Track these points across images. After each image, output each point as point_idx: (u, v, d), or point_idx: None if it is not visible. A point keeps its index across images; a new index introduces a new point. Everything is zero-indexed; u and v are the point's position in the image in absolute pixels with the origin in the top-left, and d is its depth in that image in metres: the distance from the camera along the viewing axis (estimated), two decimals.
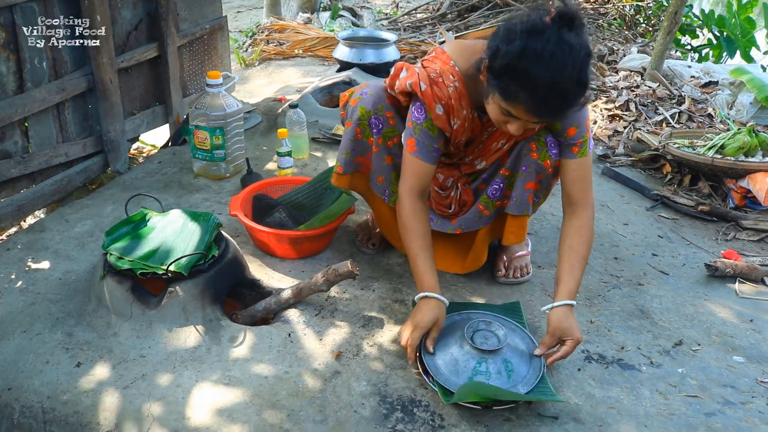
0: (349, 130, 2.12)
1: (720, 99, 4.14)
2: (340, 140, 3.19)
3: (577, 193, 1.97)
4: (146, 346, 1.93)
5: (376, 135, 2.09)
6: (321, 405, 1.75)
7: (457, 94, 1.89)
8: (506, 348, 1.85)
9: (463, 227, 2.18)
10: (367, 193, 2.25)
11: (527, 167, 2.01)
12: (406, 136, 1.98)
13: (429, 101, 1.90)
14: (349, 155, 2.15)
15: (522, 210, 2.09)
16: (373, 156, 2.13)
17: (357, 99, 2.09)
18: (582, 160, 1.96)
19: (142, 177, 3.03)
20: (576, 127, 1.93)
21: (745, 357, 2.04)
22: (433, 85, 1.89)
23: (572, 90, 1.64)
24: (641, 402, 1.81)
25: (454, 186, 2.18)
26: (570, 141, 1.94)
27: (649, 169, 3.44)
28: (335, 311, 2.09)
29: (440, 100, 1.89)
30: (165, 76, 3.39)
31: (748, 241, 2.81)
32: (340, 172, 2.18)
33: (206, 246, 2.06)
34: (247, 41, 5.70)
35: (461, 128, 1.95)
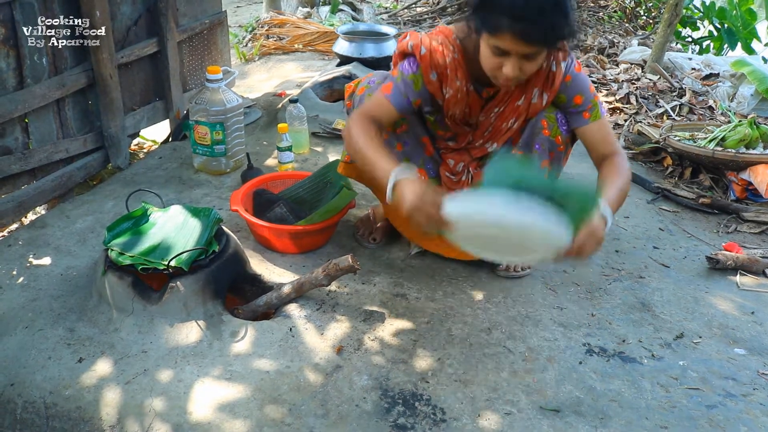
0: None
1: (721, 91, 4.13)
2: (340, 134, 3.22)
3: (603, 150, 1.99)
4: (148, 342, 1.93)
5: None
6: (322, 399, 1.75)
7: (454, 65, 1.93)
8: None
9: None
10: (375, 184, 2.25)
11: (540, 145, 2.02)
12: (386, 81, 2.01)
13: (425, 65, 1.94)
14: None
15: None
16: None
17: (364, 87, 2.11)
18: (598, 123, 1.99)
19: (142, 172, 3.03)
20: (580, 94, 1.97)
21: (746, 349, 2.04)
22: (434, 52, 1.94)
23: (550, 8, 1.65)
24: (642, 395, 1.81)
25: (465, 170, 2.18)
26: (580, 108, 1.98)
27: (649, 162, 3.44)
28: (336, 306, 2.09)
29: (436, 68, 1.94)
30: (165, 72, 3.38)
31: (749, 233, 2.81)
32: (348, 160, 2.19)
33: (207, 241, 2.06)
34: (247, 36, 5.69)
35: (453, 98, 1.97)
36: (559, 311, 2.13)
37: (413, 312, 2.08)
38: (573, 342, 1.99)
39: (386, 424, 1.68)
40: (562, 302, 2.18)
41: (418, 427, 1.67)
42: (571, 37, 1.75)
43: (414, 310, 2.09)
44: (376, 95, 2.00)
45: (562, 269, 2.36)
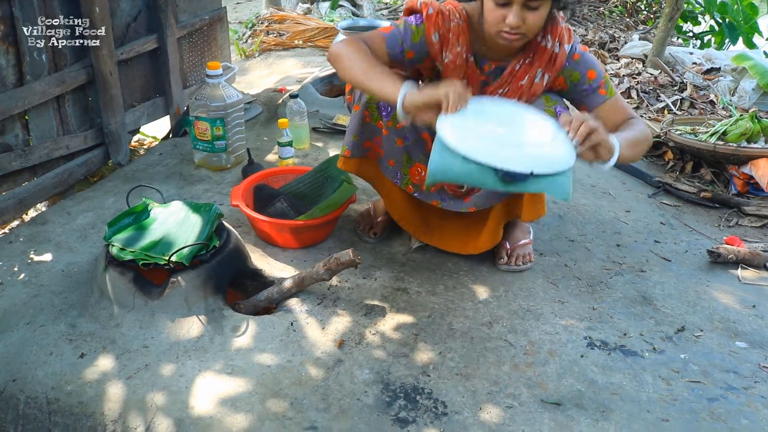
0: (357, 113, 2.12)
1: (722, 85, 4.13)
2: (341, 130, 3.23)
3: (623, 120, 1.99)
4: (149, 337, 1.93)
5: (385, 118, 2.11)
6: (324, 393, 1.75)
7: (457, 30, 1.96)
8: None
9: (478, 205, 2.18)
10: (376, 179, 2.26)
11: None
12: (387, 25, 2.02)
13: (430, 24, 1.95)
14: (357, 138, 2.15)
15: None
16: (383, 139, 2.14)
17: None
18: (616, 98, 2.01)
19: (143, 169, 3.03)
20: (593, 68, 2.00)
21: (748, 342, 2.04)
22: (440, 14, 1.95)
23: None
24: (644, 388, 1.81)
25: None
26: (594, 84, 1.99)
27: (651, 156, 3.44)
28: (337, 300, 2.09)
29: (439, 29, 1.95)
30: (165, 68, 3.38)
31: (750, 227, 2.81)
32: (348, 155, 2.18)
33: (207, 236, 2.06)
34: (247, 32, 5.68)
35: (452, 64, 1.98)
36: (560, 305, 2.13)
37: (414, 306, 2.08)
38: (574, 335, 1.99)
39: (388, 418, 1.68)
40: (563, 296, 2.18)
41: (419, 421, 1.67)
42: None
43: (415, 304, 2.09)
44: (374, 32, 1.99)
45: (564, 263, 2.36)
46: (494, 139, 1.69)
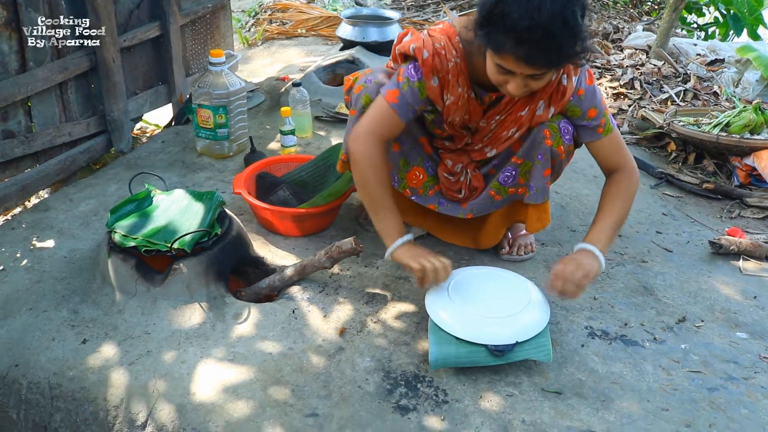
0: (353, 118, 2.09)
1: (726, 77, 4.11)
2: (343, 118, 3.23)
3: (613, 164, 2.00)
4: (151, 323, 1.94)
5: None
6: (325, 381, 1.76)
7: (456, 70, 1.87)
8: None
9: (474, 211, 2.17)
10: None
11: (543, 155, 1.99)
12: (391, 87, 1.92)
13: (427, 70, 1.87)
14: None
15: (543, 198, 2.08)
16: None
17: (361, 87, 2.06)
18: (610, 137, 1.98)
19: (145, 156, 3.03)
20: (594, 107, 1.93)
21: (749, 333, 2.04)
22: (436, 56, 1.86)
23: (558, 30, 1.55)
24: (644, 377, 1.82)
25: (463, 171, 2.15)
26: (593, 123, 1.95)
27: (653, 147, 3.43)
28: (339, 288, 2.10)
29: (438, 73, 1.87)
30: (168, 55, 3.38)
31: (752, 218, 2.81)
32: (345, 159, 2.15)
33: (209, 224, 2.06)
34: (250, 21, 5.67)
35: (454, 105, 1.92)
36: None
37: (416, 294, 2.08)
38: (575, 325, 2.00)
39: (388, 405, 1.68)
40: None
41: (420, 408, 1.68)
42: (582, 55, 1.67)
43: (416, 293, 2.09)
44: (381, 105, 1.92)
45: (565, 253, 2.35)
46: (477, 317, 1.83)
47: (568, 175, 2.95)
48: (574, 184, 2.88)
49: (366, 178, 1.92)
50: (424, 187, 2.16)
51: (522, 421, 1.65)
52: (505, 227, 2.27)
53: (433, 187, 2.17)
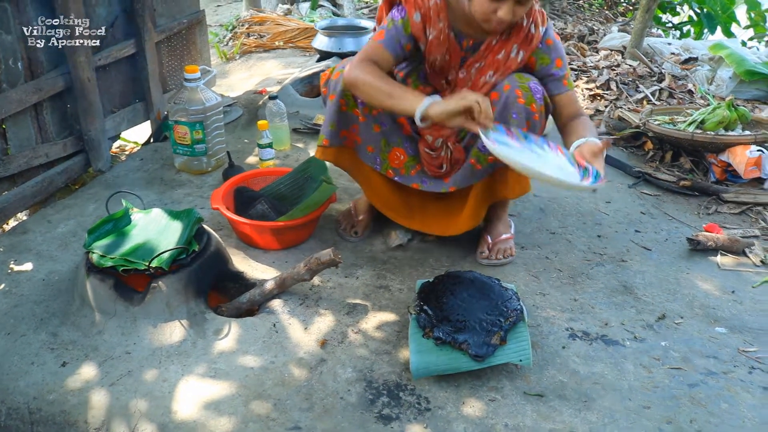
0: (332, 102, 2.14)
1: (700, 75, 4.16)
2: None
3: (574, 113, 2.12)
4: (131, 343, 1.92)
5: (361, 105, 2.13)
6: (307, 393, 1.75)
7: (436, 8, 2.00)
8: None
9: (458, 183, 2.19)
10: (354, 167, 2.27)
11: (517, 114, 2.04)
12: (377, 30, 2.08)
13: (410, 7, 2.01)
14: (335, 127, 2.17)
15: None
16: (360, 127, 2.17)
17: (339, 72, 2.13)
18: (571, 93, 2.14)
19: (124, 175, 3.02)
20: (561, 59, 2.11)
21: (727, 328, 2.06)
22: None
23: None
24: (625, 376, 1.83)
25: (443, 146, 2.20)
26: (560, 73, 2.11)
27: (631, 147, 3.45)
28: (319, 300, 2.10)
29: (420, 8, 2.00)
30: (144, 73, 3.36)
31: (729, 214, 2.83)
32: (326, 144, 2.19)
33: (187, 240, 2.06)
34: (228, 35, 5.67)
35: (436, 41, 2.02)
36: (542, 297, 2.14)
37: (396, 303, 2.09)
38: (556, 327, 2.01)
39: (371, 416, 1.68)
40: (544, 288, 2.19)
41: (402, 417, 1.68)
42: None
43: (397, 302, 2.09)
44: (370, 44, 2.06)
45: (545, 256, 2.37)
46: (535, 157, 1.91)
47: None
48: (553, 187, 2.89)
49: (368, 83, 1.96)
50: (406, 167, 2.23)
51: (505, 426, 1.66)
52: (486, 204, 2.26)
53: (415, 167, 2.24)
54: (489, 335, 1.79)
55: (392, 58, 2.04)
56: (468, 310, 1.86)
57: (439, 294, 1.93)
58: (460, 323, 1.82)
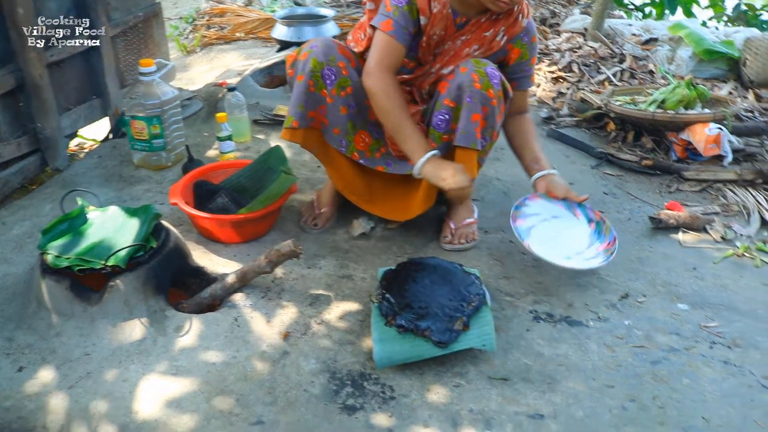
0: (301, 83, 2.11)
1: (660, 55, 4.18)
2: (282, 120, 3.19)
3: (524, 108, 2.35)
4: (90, 344, 1.88)
5: (329, 86, 2.11)
6: (270, 387, 1.73)
7: None
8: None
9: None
10: (320, 148, 2.25)
11: (471, 98, 2.04)
12: (383, 18, 2.07)
13: None
14: (303, 108, 2.13)
15: (470, 142, 2.08)
16: (328, 108, 2.14)
17: (307, 52, 2.11)
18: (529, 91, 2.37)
19: (82, 173, 2.95)
20: (535, 57, 2.25)
21: (689, 304, 2.08)
22: None
23: None
24: (589, 356, 1.83)
25: None
26: (531, 70, 2.26)
27: (593, 128, 3.46)
28: (282, 292, 2.07)
29: None
30: (100, 68, 3.28)
31: (690, 191, 2.86)
32: (296, 126, 2.15)
33: (144, 237, 2.01)
34: (188, 28, 5.58)
35: (439, 14, 2.05)
36: (506, 281, 2.14)
37: (359, 292, 2.07)
38: (520, 310, 2.00)
39: (335, 407, 1.67)
40: (508, 272, 2.19)
41: (367, 407, 1.66)
42: None
43: (360, 291, 2.08)
44: (380, 37, 2.07)
45: (509, 239, 2.36)
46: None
47: (510, 161, 2.95)
48: (515, 170, 2.87)
49: (384, 106, 2.07)
50: (371, 150, 2.24)
51: (470, 411, 1.65)
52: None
53: (380, 149, 2.25)
54: (452, 321, 1.78)
55: (404, 48, 2.08)
56: (430, 297, 1.85)
57: (401, 281, 1.92)
58: (423, 310, 1.81)
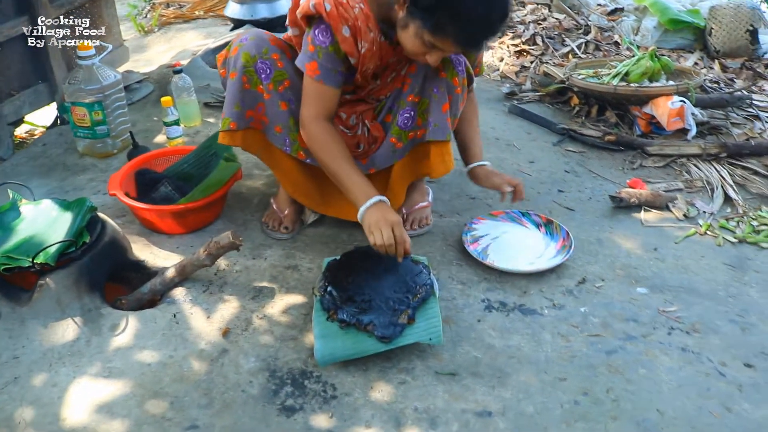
0: (234, 80, 1.95)
1: (626, 25, 4.09)
2: None
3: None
4: (20, 346, 1.78)
5: (265, 81, 1.95)
6: (207, 388, 1.64)
7: (363, 16, 1.80)
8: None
9: (377, 165, 2.07)
10: (264, 150, 2.07)
11: (438, 88, 1.94)
12: (307, 59, 1.85)
13: (335, 22, 1.78)
14: (239, 108, 1.97)
15: (444, 134, 1.98)
16: (266, 105, 1.98)
17: (237, 47, 1.95)
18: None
19: (24, 162, 2.82)
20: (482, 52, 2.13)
21: (648, 288, 2.01)
22: (339, 5, 1.78)
23: (500, 22, 1.67)
24: (542, 347, 1.76)
25: (360, 123, 2.06)
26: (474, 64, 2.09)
27: (556, 103, 3.37)
28: (224, 285, 1.98)
29: (347, 21, 1.79)
30: (43, 52, 3.15)
31: (654, 167, 2.78)
32: (234, 127, 1.98)
33: (76, 232, 1.90)
34: (146, 6, 5.41)
35: (369, 52, 1.84)
36: (458, 268, 2.06)
37: (305, 284, 1.98)
38: (471, 299, 1.92)
39: (273, 408, 1.58)
40: (461, 258, 2.10)
41: (307, 407, 1.58)
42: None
43: (306, 282, 1.98)
44: (308, 83, 1.88)
45: (464, 223, 2.27)
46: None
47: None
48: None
49: (321, 158, 1.91)
50: None
51: (414, 409, 1.57)
52: (407, 183, 2.15)
53: None
54: (396, 314, 1.69)
55: (336, 89, 1.89)
56: (375, 289, 1.76)
57: (345, 273, 1.83)
58: (365, 303, 1.72)
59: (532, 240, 2.18)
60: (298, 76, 1.98)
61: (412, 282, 1.78)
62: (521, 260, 2.08)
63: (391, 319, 1.68)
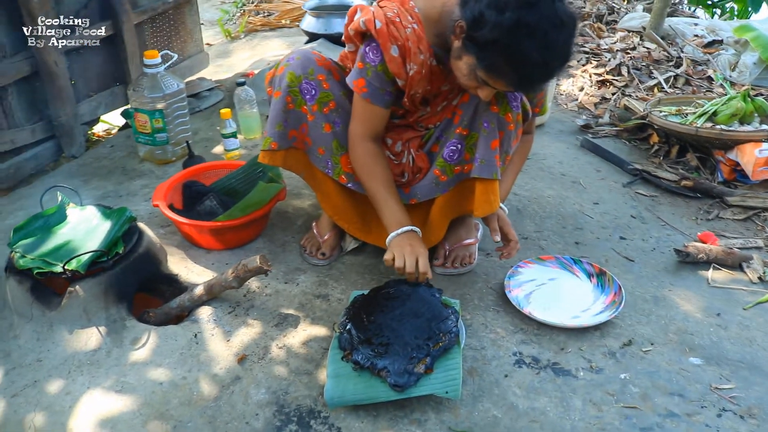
0: (278, 100, 1.92)
1: (722, 60, 3.79)
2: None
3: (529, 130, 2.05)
4: (45, 350, 1.80)
5: (309, 102, 1.91)
6: (212, 415, 1.60)
7: (415, 37, 1.74)
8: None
9: (419, 196, 1.99)
10: (306, 171, 2.03)
11: (489, 123, 1.82)
12: (355, 76, 1.82)
13: (384, 41, 1.74)
14: (282, 128, 1.94)
15: (491, 173, 1.83)
16: (309, 126, 1.94)
17: (284, 66, 1.92)
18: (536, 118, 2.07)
19: (89, 163, 2.89)
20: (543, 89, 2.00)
21: (703, 358, 1.81)
22: (390, 24, 1.73)
23: (559, 67, 1.59)
24: (569, 414, 1.61)
25: (405, 150, 1.99)
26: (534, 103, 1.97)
27: (635, 140, 3.15)
28: (251, 308, 1.93)
29: (396, 41, 1.74)
30: (123, 55, 3.23)
31: (732, 220, 2.54)
32: (275, 147, 1.95)
33: (111, 242, 1.91)
34: (237, 12, 5.51)
35: (418, 75, 1.77)
36: (495, 314, 1.93)
37: (331, 315, 1.91)
38: (502, 351, 1.79)
39: None
40: (500, 303, 1.97)
41: None
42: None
43: (332, 313, 1.91)
44: (357, 101, 1.86)
45: (510, 264, 2.13)
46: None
47: (531, 173, 2.73)
48: (537, 184, 2.65)
49: (362, 178, 1.92)
50: None
51: None
52: (449, 218, 2.04)
53: None
54: (412, 362, 1.59)
55: (384, 109, 1.86)
56: (395, 332, 1.67)
57: (370, 310, 1.75)
58: (382, 347, 1.63)
59: (580, 291, 2.03)
60: (344, 98, 1.94)
61: (436, 328, 1.67)
62: (564, 313, 1.93)
63: (407, 367, 1.58)
